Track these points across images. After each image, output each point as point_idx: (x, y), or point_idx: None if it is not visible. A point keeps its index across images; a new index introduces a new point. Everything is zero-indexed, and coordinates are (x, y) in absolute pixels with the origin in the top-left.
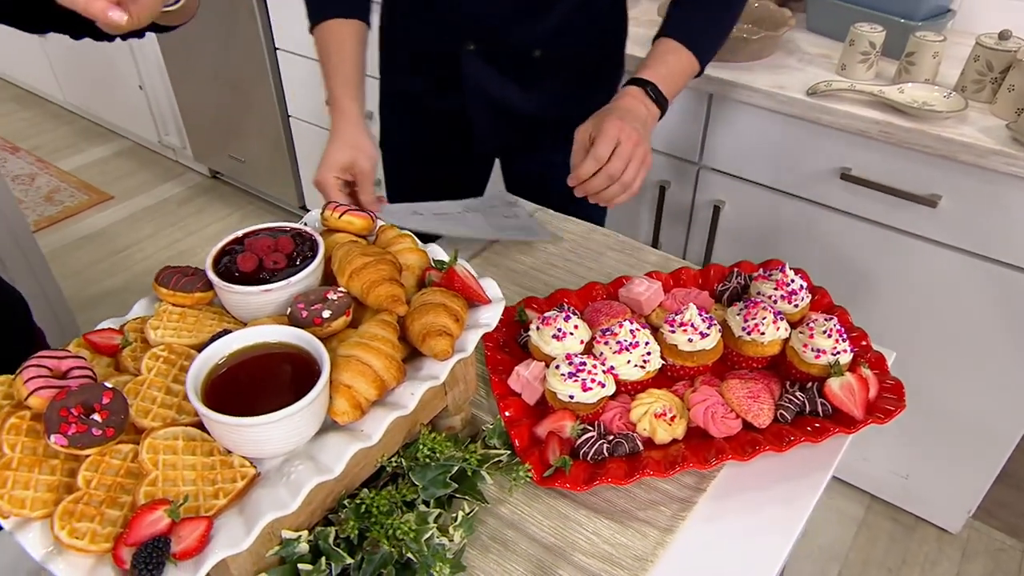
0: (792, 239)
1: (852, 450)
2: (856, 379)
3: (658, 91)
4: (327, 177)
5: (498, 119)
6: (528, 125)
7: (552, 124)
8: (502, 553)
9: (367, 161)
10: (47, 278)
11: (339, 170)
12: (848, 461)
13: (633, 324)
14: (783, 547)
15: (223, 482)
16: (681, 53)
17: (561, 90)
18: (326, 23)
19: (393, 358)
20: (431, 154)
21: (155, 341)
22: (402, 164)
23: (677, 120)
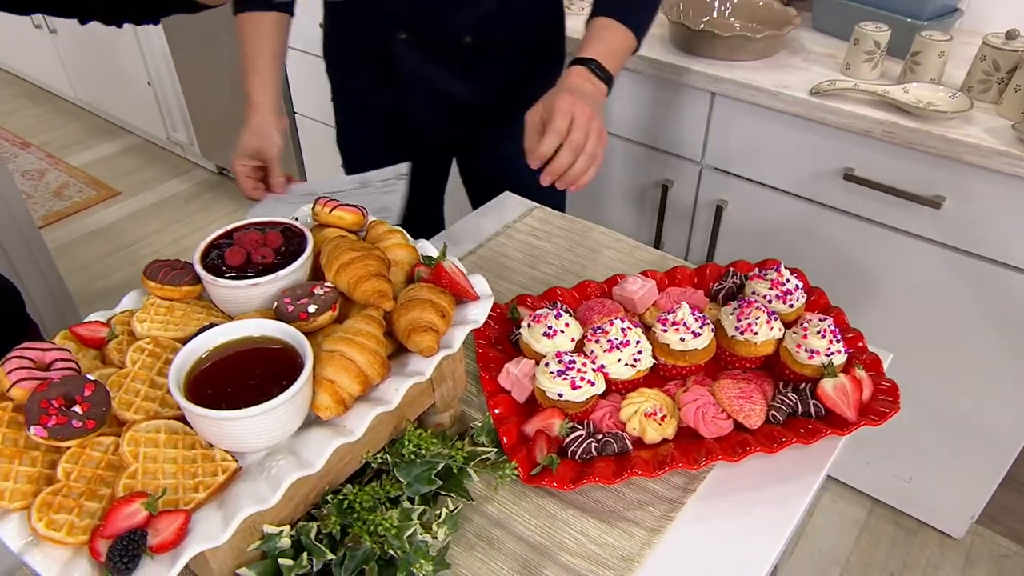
0: (795, 239)
1: (854, 453)
2: (850, 380)
3: (602, 68)
4: (235, 164)
5: (440, 111)
6: (473, 117)
7: (498, 116)
8: (487, 551)
9: (273, 149)
10: (52, 273)
11: (246, 157)
12: (850, 464)
13: (624, 322)
14: (772, 549)
15: (203, 476)
16: (617, 30)
17: (500, 79)
18: (246, 13)
19: (377, 353)
20: (381, 153)
21: (141, 334)
22: (356, 166)
23: (679, 119)
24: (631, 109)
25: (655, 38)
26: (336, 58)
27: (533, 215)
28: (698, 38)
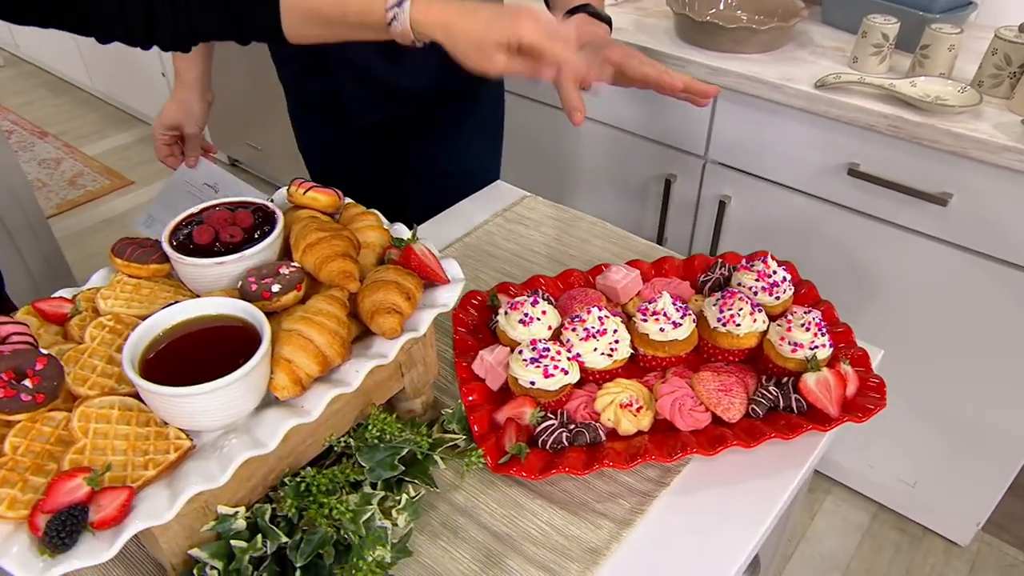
0: (799, 236)
1: (858, 456)
2: (833, 375)
3: (595, 10)
4: (155, 131)
5: (370, 95)
6: (406, 102)
7: (434, 101)
8: (451, 540)
9: (192, 126)
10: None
11: (165, 128)
12: (854, 467)
13: (602, 311)
14: (744, 547)
15: (155, 453)
16: None
17: (434, 62)
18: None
19: (337, 334)
20: (331, 145)
21: (104, 311)
22: (315, 164)
23: (683, 112)
24: (634, 102)
25: (659, 29)
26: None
27: (523, 203)
28: (702, 30)
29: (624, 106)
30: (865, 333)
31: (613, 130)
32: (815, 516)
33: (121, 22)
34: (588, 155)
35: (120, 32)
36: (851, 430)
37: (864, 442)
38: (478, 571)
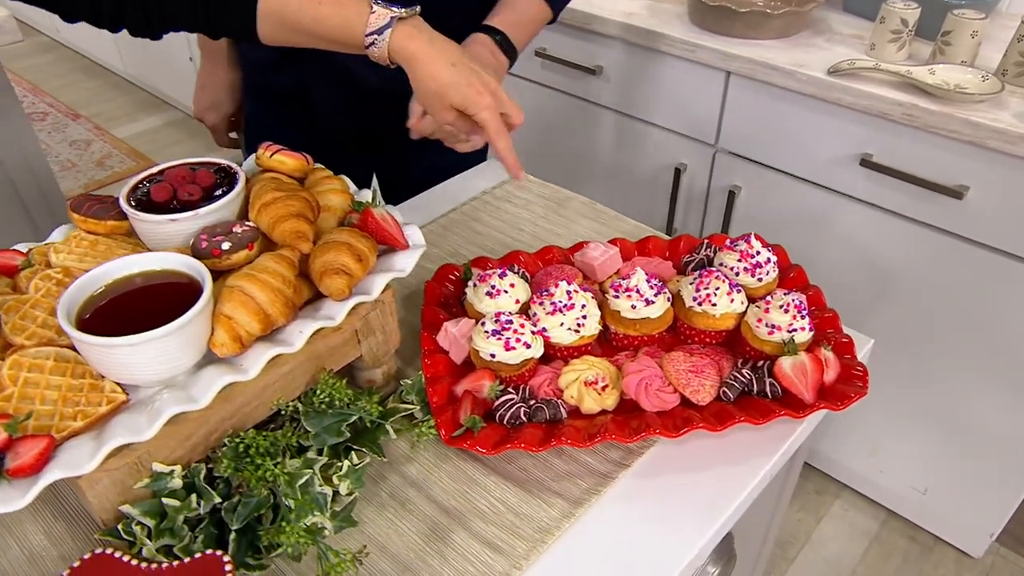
0: (809, 228)
1: (867, 460)
2: (811, 359)
3: (507, 41)
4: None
5: (342, 94)
6: (380, 106)
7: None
8: (398, 512)
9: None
10: None
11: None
12: (863, 472)
13: (571, 285)
14: (701, 535)
15: (86, 405)
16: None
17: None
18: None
19: (281, 292)
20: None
21: (55, 264)
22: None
23: (693, 99)
24: (644, 88)
25: (671, 14)
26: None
27: (514, 182)
28: (715, 14)
29: (634, 91)
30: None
31: (623, 117)
32: (822, 520)
33: (90, 3)
34: (597, 143)
35: (87, 12)
36: (860, 433)
37: (874, 446)
38: (422, 545)
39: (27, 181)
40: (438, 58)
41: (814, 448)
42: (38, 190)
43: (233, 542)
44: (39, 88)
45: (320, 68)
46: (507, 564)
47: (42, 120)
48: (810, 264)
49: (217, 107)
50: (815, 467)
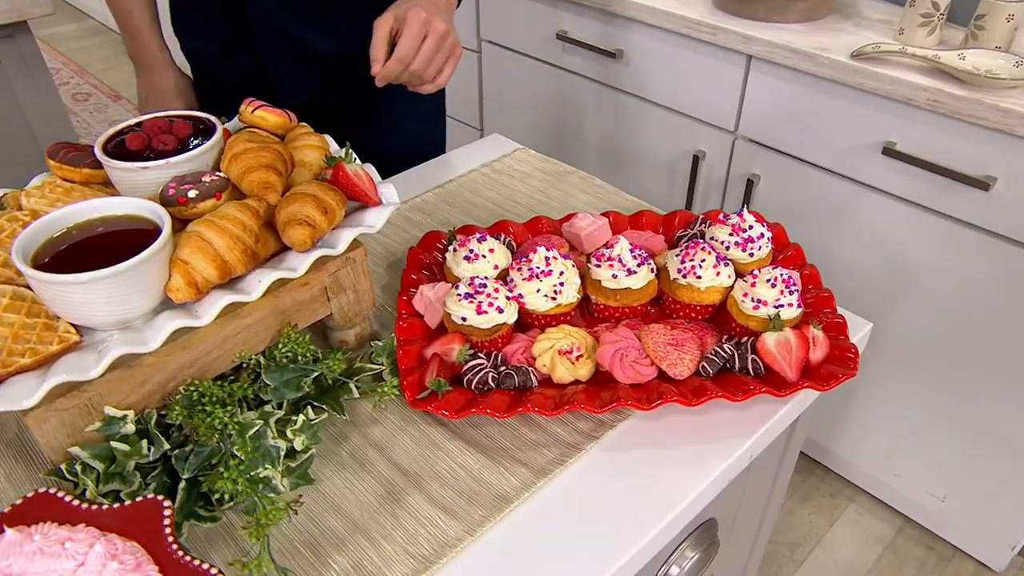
0: (828, 219)
1: (884, 464)
2: (796, 336)
3: None
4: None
5: (298, 67)
6: (337, 74)
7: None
8: (356, 472)
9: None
10: None
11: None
12: (879, 476)
13: (551, 252)
14: (665, 514)
15: (37, 343)
16: None
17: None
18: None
19: (240, 240)
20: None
21: (26, 207)
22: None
23: (713, 85)
24: (664, 73)
25: None
26: (182, 22)
27: (514, 155)
28: None
29: (653, 76)
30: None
31: (642, 102)
32: (835, 523)
33: None
34: (616, 128)
35: None
36: (876, 435)
37: (891, 449)
38: (376, 506)
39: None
40: None
41: (829, 449)
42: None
43: (183, 491)
44: (84, 70)
45: (275, 42)
46: (461, 529)
47: (85, 100)
48: (829, 256)
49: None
50: (830, 469)
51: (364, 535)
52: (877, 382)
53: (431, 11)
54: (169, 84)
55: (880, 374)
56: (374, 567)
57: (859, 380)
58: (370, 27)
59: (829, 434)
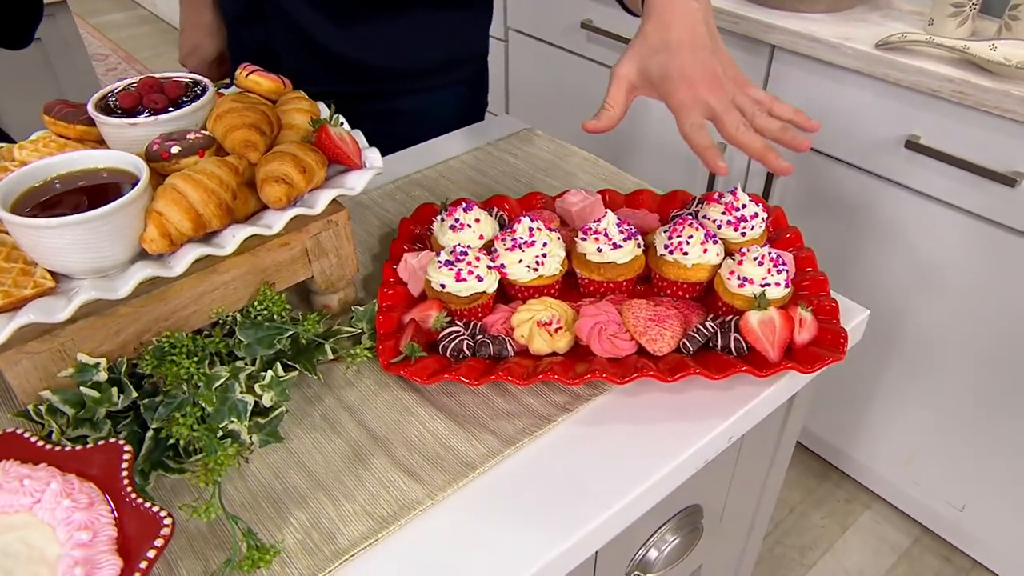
0: (848, 215)
1: (902, 470)
2: (781, 316)
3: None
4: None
5: (308, 60)
6: (359, 77)
7: (393, 80)
8: (326, 434)
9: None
10: None
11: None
12: (896, 482)
13: (535, 223)
14: (633, 487)
15: (12, 286)
16: None
17: (386, 37)
18: None
19: (215, 194)
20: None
21: (17, 159)
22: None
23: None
24: None
25: None
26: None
27: (520, 135)
28: None
29: None
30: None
31: None
32: (848, 529)
33: None
34: (638, 119)
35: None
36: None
37: (908, 455)
38: (342, 467)
39: None
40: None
41: (845, 453)
42: None
43: (149, 439)
44: (132, 56)
45: (283, 28)
46: (422, 493)
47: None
48: (848, 253)
49: (197, 51)
50: (846, 474)
51: (326, 493)
52: (896, 384)
53: (695, 62)
54: (204, 21)
55: (899, 376)
56: (331, 524)
57: (877, 382)
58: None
59: (846, 437)
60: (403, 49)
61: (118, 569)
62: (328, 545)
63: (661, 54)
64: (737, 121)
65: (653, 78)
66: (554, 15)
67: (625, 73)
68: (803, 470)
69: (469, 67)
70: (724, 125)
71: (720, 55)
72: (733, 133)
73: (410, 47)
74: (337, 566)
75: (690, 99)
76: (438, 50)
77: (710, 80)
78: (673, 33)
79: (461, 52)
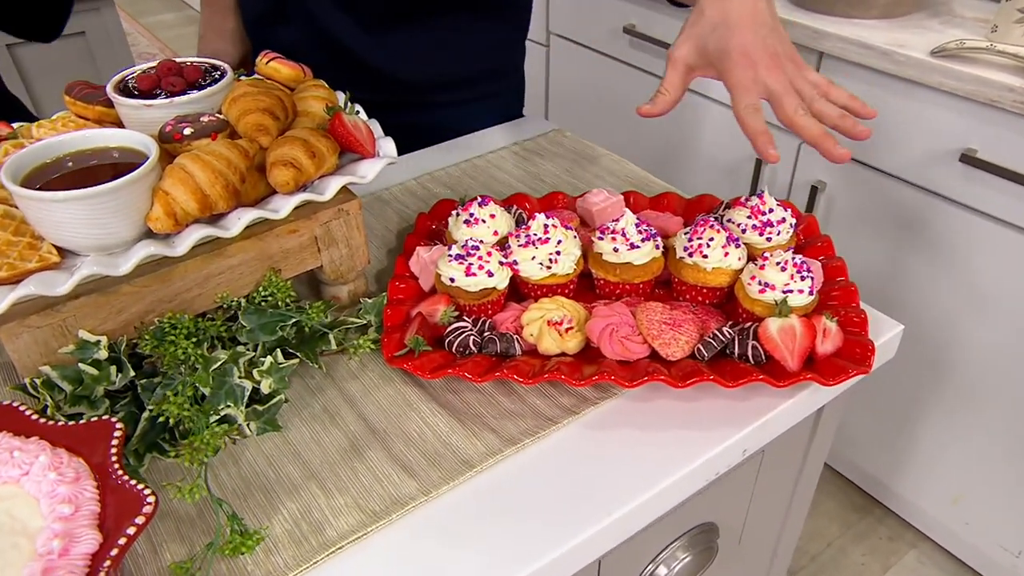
0: (897, 233)
1: (950, 508)
2: (802, 323)
3: None
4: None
5: (334, 65)
6: (386, 86)
7: (424, 91)
8: (325, 426)
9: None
10: None
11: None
12: (945, 521)
13: (551, 220)
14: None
15: (17, 259)
16: None
17: (417, 46)
18: None
19: (223, 175)
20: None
21: (34, 137)
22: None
23: None
24: None
25: None
26: None
27: (549, 136)
28: None
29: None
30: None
31: (706, 100)
32: (889, 570)
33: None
34: (679, 127)
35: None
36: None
37: (957, 493)
38: (337, 459)
39: None
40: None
41: (889, 488)
42: None
43: (145, 420)
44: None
45: (307, 33)
46: (416, 488)
47: None
48: (896, 273)
49: (217, 57)
50: (890, 509)
51: (319, 484)
52: (945, 415)
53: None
54: (228, 27)
55: (949, 406)
56: (321, 515)
57: (925, 412)
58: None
59: (891, 470)
60: (434, 60)
61: (97, 544)
62: (316, 536)
63: (721, 29)
64: (796, 104)
65: (711, 55)
66: (596, 19)
67: (682, 55)
68: (844, 502)
69: (501, 81)
70: (782, 107)
71: (779, 34)
72: (791, 116)
73: (441, 58)
74: (323, 558)
75: (749, 78)
76: (470, 62)
77: (770, 59)
78: (733, 8)
79: (493, 65)
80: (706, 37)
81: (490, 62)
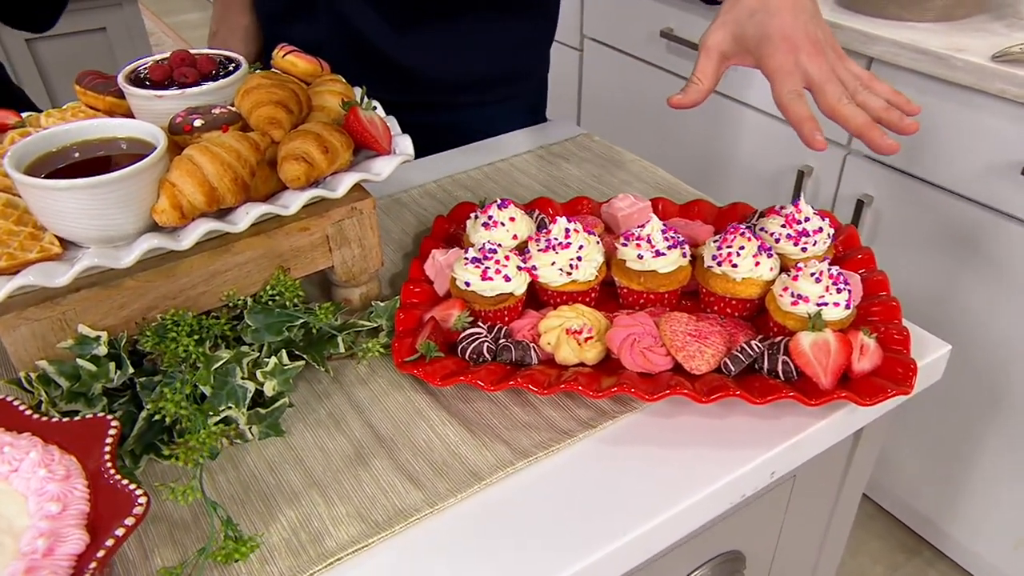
0: (951, 251)
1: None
2: (837, 338)
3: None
4: None
5: (359, 63)
6: (411, 84)
7: (448, 91)
8: (330, 432)
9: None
10: None
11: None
12: (1006, 568)
13: (573, 224)
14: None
15: (18, 249)
16: None
17: (443, 43)
18: None
19: (231, 168)
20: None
21: (43, 126)
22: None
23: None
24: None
25: None
26: None
27: (576, 140)
28: None
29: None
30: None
31: (747, 109)
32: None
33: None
34: (719, 136)
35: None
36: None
37: (1021, 535)
38: (341, 467)
39: None
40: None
41: (941, 529)
42: None
43: (142, 420)
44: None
45: (331, 29)
46: (421, 500)
47: None
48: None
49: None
50: (942, 552)
51: (320, 493)
52: (1004, 448)
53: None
54: (242, 24)
55: (1009, 443)
56: (320, 525)
57: (982, 447)
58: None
59: (943, 510)
60: (460, 58)
61: (83, 544)
62: (314, 546)
63: (760, 14)
64: (839, 92)
65: (749, 41)
66: (632, 23)
67: (715, 43)
68: (891, 542)
69: (525, 83)
70: (825, 95)
71: (820, 22)
72: (834, 104)
73: (467, 57)
74: (320, 569)
75: (790, 63)
76: (495, 61)
77: (811, 45)
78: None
79: (518, 66)
80: (744, 23)
81: (515, 63)
